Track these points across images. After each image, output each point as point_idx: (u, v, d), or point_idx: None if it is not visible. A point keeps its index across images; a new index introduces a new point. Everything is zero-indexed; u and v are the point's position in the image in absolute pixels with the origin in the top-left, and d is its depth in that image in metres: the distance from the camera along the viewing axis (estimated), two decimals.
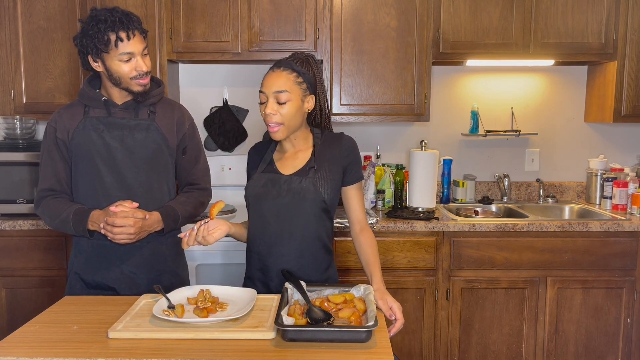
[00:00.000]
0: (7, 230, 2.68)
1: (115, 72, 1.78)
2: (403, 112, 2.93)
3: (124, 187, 1.84)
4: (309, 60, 1.72)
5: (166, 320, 1.44)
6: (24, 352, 1.32)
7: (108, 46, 1.74)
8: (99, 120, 1.84)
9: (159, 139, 1.88)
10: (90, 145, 1.83)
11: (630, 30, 2.92)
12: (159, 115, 1.90)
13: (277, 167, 1.76)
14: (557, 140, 3.34)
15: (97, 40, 1.73)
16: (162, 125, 1.89)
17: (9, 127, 2.91)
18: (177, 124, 1.94)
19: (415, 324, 2.73)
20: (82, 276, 1.89)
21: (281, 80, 1.66)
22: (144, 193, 1.86)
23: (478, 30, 2.90)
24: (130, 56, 1.76)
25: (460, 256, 2.71)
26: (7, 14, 2.82)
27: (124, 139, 1.84)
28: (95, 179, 1.84)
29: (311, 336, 1.37)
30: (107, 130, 1.84)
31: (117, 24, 1.73)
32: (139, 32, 1.79)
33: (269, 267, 1.74)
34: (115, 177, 1.84)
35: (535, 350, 2.76)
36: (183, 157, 1.97)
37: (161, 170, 1.90)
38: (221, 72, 3.23)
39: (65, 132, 1.85)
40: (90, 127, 1.84)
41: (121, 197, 1.82)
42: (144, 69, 1.79)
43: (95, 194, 1.84)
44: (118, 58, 1.75)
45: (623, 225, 2.69)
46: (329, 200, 1.72)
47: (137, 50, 1.77)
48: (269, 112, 1.66)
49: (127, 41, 1.75)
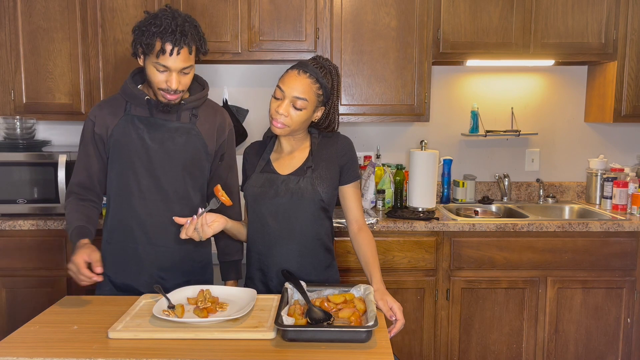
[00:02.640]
0: (7, 230, 2.67)
1: (148, 75, 1.74)
2: (403, 112, 2.93)
3: (160, 191, 1.81)
4: (332, 72, 1.71)
5: (166, 320, 1.44)
6: (24, 352, 1.32)
7: (151, 50, 1.68)
8: (140, 119, 1.81)
9: (199, 144, 1.85)
10: (130, 144, 1.80)
11: (630, 30, 2.92)
12: (200, 119, 1.86)
13: (274, 167, 1.76)
14: (557, 140, 3.34)
15: (145, 39, 1.68)
16: (203, 130, 1.86)
17: (9, 127, 2.91)
18: (218, 130, 1.90)
19: (415, 324, 2.73)
20: (112, 278, 1.86)
21: (304, 86, 1.64)
22: (179, 199, 1.83)
23: (478, 30, 2.90)
24: (166, 69, 1.70)
25: (460, 256, 2.71)
26: (7, 14, 2.82)
27: (164, 142, 1.80)
28: (131, 180, 1.81)
29: (311, 336, 1.37)
30: (148, 131, 1.80)
31: (168, 34, 1.66)
32: (188, 49, 1.70)
33: (269, 266, 1.74)
34: (151, 181, 1.81)
35: (535, 350, 2.76)
36: (220, 163, 1.94)
37: (198, 176, 1.87)
38: (221, 72, 3.23)
39: (104, 128, 1.81)
40: (131, 126, 1.80)
41: (156, 201, 1.81)
42: (173, 87, 1.71)
43: (129, 194, 1.81)
44: (155, 65, 1.70)
45: (623, 225, 2.69)
46: (327, 199, 1.73)
47: (175, 67, 1.69)
48: (281, 112, 1.64)
49: (169, 56, 1.67)
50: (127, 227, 1.83)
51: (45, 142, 2.99)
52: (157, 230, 1.83)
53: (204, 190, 1.92)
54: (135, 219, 1.82)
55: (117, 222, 1.85)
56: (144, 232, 1.82)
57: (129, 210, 1.82)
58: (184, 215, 1.74)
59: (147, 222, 1.82)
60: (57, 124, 3.19)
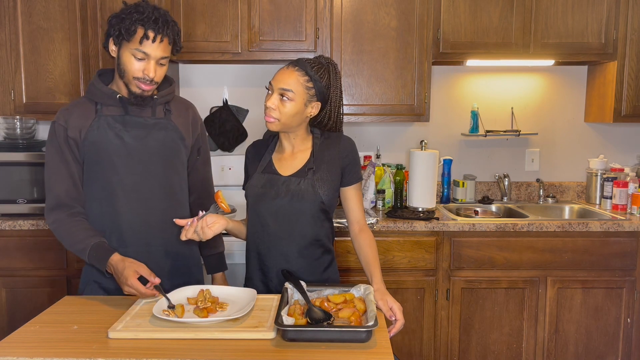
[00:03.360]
0: (7, 230, 2.67)
1: (123, 64, 1.71)
2: (403, 112, 2.93)
3: (146, 189, 1.79)
4: (329, 69, 1.71)
5: (166, 320, 1.44)
6: (24, 352, 1.32)
7: (131, 36, 1.67)
8: (114, 118, 1.77)
9: (178, 138, 1.84)
10: (108, 145, 1.75)
11: (630, 30, 2.92)
12: (174, 113, 1.86)
13: (275, 168, 1.76)
14: (557, 140, 3.34)
15: (125, 25, 1.67)
16: (179, 124, 1.85)
17: (9, 127, 2.91)
18: (192, 124, 1.91)
19: (415, 324, 2.73)
20: (104, 285, 1.81)
21: (291, 79, 1.65)
22: (165, 195, 1.82)
23: (478, 30, 2.90)
24: (145, 57, 1.69)
25: (460, 256, 2.71)
26: (7, 14, 2.82)
27: (143, 139, 1.78)
28: (113, 181, 1.76)
29: (311, 336, 1.37)
30: (125, 130, 1.77)
31: (151, 22, 1.66)
32: (168, 40, 1.72)
33: (269, 267, 1.74)
34: (135, 179, 1.77)
35: (535, 350, 2.76)
36: (198, 157, 1.94)
37: (181, 170, 1.87)
38: (221, 72, 3.23)
39: (77, 131, 1.75)
40: (106, 126, 1.75)
41: (142, 199, 1.78)
42: (150, 75, 1.70)
43: (114, 196, 1.77)
44: (133, 52, 1.68)
45: (623, 225, 2.69)
46: (328, 201, 1.72)
47: (155, 55, 1.69)
48: (269, 105, 1.66)
49: (152, 42, 1.67)
50: (114, 231, 1.78)
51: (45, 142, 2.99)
52: (146, 229, 1.80)
53: (186, 184, 1.91)
54: (123, 222, 1.78)
55: (102, 226, 1.78)
56: (132, 233, 1.79)
57: (114, 214, 1.77)
58: (173, 211, 1.77)
59: (136, 223, 1.79)
60: None
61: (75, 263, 2.70)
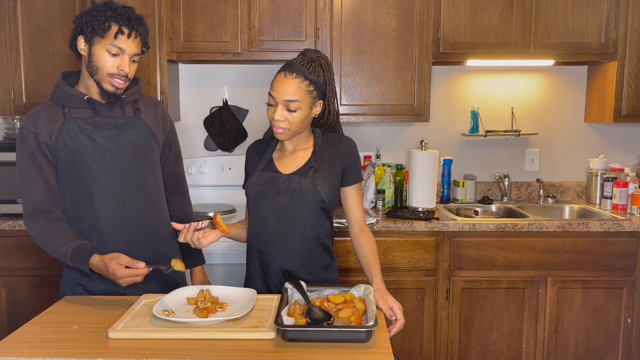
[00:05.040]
0: (7, 230, 2.67)
1: (96, 61, 1.71)
2: (403, 112, 2.93)
3: (121, 188, 1.79)
4: (322, 63, 1.70)
5: (166, 320, 1.44)
6: (24, 352, 1.32)
7: (105, 32, 1.68)
8: (84, 120, 1.75)
9: (149, 135, 1.85)
10: (81, 147, 1.74)
11: (630, 30, 2.92)
12: (143, 111, 1.86)
13: (276, 166, 1.76)
14: (557, 140, 3.34)
15: (98, 22, 1.68)
16: (149, 121, 1.86)
17: (9, 127, 2.90)
18: (162, 121, 1.92)
19: (415, 324, 2.73)
20: (88, 287, 1.81)
21: (292, 88, 1.64)
22: (141, 192, 1.82)
23: (478, 30, 2.90)
24: (120, 52, 1.69)
25: (460, 256, 2.71)
26: (7, 14, 2.82)
27: (115, 139, 1.78)
28: (89, 183, 1.75)
29: (311, 336, 1.37)
30: (97, 131, 1.76)
31: (124, 19, 1.69)
32: (141, 40, 1.75)
33: (269, 265, 1.74)
34: (111, 179, 1.78)
35: (535, 350, 2.76)
36: (170, 154, 1.96)
37: (155, 166, 1.88)
38: (221, 72, 3.23)
39: (47, 136, 1.73)
40: (77, 129, 1.74)
41: (119, 199, 1.78)
42: (125, 70, 1.71)
43: (90, 198, 1.76)
44: (107, 48, 1.69)
45: (623, 225, 2.69)
46: (328, 200, 1.73)
47: (129, 51, 1.71)
48: (277, 118, 1.65)
49: (126, 38, 1.69)
50: (94, 232, 1.78)
51: None
52: (126, 228, 1.80)
53: (160, 180, 1.92)
54: (101, 222, 1.77)
55: (81, 228, 1.78)
56: (112, 233, 1.78)
57: (92, 215, 1.77)
58: (150, 207, 1.82)
59: (114, 222, 1.79)
60: None
61: None
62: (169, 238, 1.93)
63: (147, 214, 1.81)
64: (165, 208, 1.94)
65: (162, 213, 1.90)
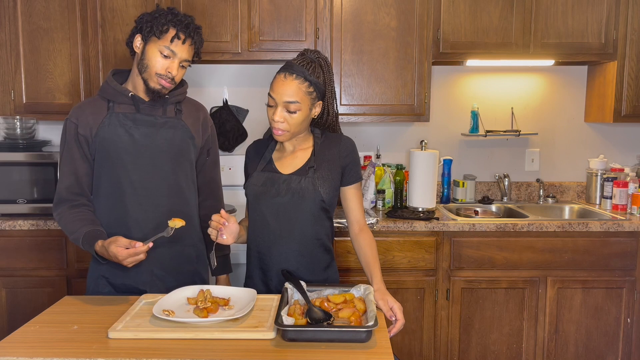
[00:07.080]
0: (7, 230, 2.67)
1: (147, 59, 1.76)
2: (403, 112, 2.93)
3: (152, 186, 1.81)
4: (321, 64, 1.70)
5: (166, 320, 1.44)
6: (24, 352, 1.32)
7: (163, 34, 1.74)
8: (125, 116, 1.81)
9: (187, 137, 1.87)
10: (118, 141, 1.79)
11: (630, 30, 2.92)
12: (185, 114, 1.89)
13: (276, 167, 1.77)
14: (557, 140, 3.34)
15: (158, 23, 1.74)
16: (189, 124, 1.89)
17: (9, 127, 2.91)
18: (203, 125, 1.94)
19: (415, 324, 2.73)
20: (111, 280, 1.84)
21: (292, 89, 1.64)
22: (171, 193, 1.84)
23: (478, 30, 2.90)
24: (172, 55, 1.75)
25: (460, 256, 2.71)
26: (7, 14, 2.82)
27: (152, 137, 1.81)
28: (122, 178, 1.79)
29: (311, 336, 1.37)
30: (135, 127, 1.80)
31: (183, 25, 1.75)
32: (194, 48, 1.80)
33: (269, 265, 1.74)
34: (143, 176, 1.81)
35: (535, 350, 2.76)
36: (207, 159, 1.98)
37: (188, 169, 1.89)
38: (221, 72, 3.23)
39: (87, 128, 1.80)
40: (117, 123, 1.79)
41: (150, 197, 1.81)
42: (173, 73, 1.77)
43: (122, 193, 1.80)
44: (161, 49, 1.74)
45: (623, 225, 2.69)
46: (328, 200, 1.73)
47: (180, 55, 1.77)
48: (277, 120, 1.66)
49: (181, 44, 1.75)
50: (122, 227, 1.80)
51: (45, 142, 2.99)
52: (153, 225, 1.81)
53: (194, 184, 1.93)
54: (130, 217, 1.81)
55: (111, 222, 1.82)
56: (140, 230, 1.81)
57: (122, 209, 1.81)
58: (179, 208, 1.83)
59: (143, 219, 1.81)
60: (57, 124, 3.18)
61: (75, 263, 2.70)
62: (195, 241, 1.94)
63: (176, 215, 1.80)
64: (196, 211, 1.95)
65: (191, 215, 1.90)
